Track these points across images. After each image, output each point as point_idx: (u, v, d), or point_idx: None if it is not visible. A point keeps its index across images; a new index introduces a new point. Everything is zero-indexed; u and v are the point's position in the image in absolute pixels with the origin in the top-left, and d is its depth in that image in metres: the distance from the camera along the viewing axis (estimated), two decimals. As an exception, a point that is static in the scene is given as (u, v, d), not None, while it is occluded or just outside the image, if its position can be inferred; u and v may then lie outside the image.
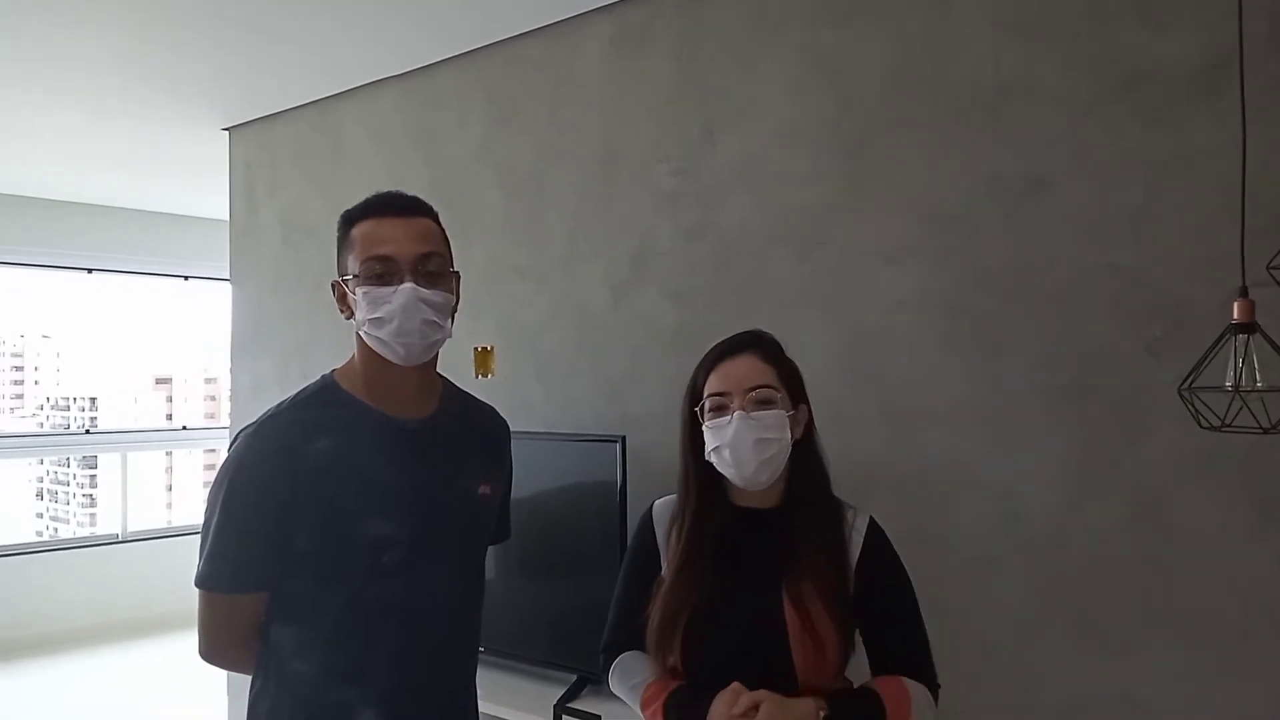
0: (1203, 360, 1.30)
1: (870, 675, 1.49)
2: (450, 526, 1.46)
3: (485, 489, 1.53)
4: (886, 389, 2.05)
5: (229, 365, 3.90)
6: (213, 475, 1.41)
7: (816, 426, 1.55)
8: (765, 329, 1.57)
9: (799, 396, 1.51)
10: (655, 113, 2.47)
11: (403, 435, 1.43)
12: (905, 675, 1.45)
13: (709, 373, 1.50)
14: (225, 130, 3.86)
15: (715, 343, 1.55)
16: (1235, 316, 1.27)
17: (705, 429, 1.48)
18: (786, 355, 1.54)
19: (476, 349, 2.62)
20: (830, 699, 1.39)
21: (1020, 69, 1.87)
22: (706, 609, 1.44)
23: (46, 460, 8.94)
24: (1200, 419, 1.30)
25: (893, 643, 1.48)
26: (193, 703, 4.42)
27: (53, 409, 8.26)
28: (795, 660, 1.41)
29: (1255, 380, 1.24)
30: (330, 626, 1.39)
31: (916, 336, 2.01)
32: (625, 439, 2.28)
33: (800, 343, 1.62)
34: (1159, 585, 1.72)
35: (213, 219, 5.79)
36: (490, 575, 1.61)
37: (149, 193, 5.32)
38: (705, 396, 1.49)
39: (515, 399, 2.69)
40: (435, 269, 1.41)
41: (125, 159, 4.44)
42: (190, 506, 7.52)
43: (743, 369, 1.48)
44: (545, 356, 2.71)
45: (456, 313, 1.47)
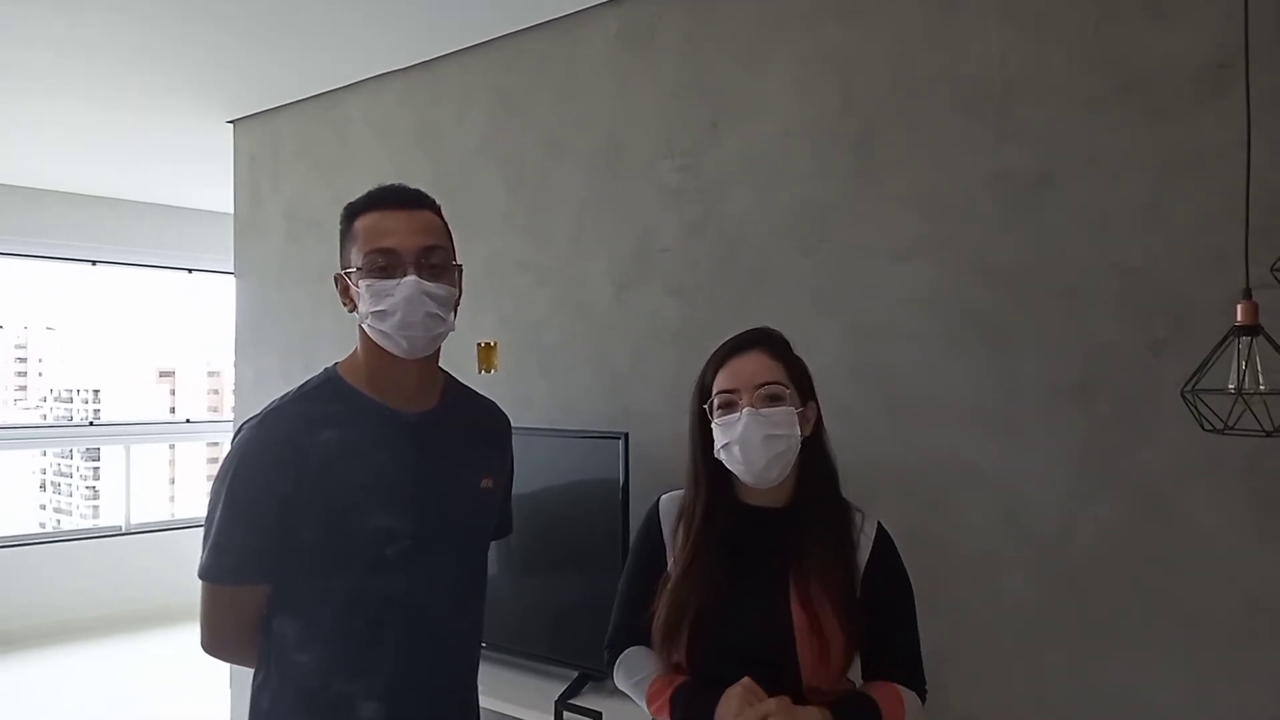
0: (1206, 362, 1.29)
1: (862, 676, 1.50)
2: (452, 520, 1.47)
3: (487, 483, 1.53)
4: (890, 386, 2.04)
5: (232, 358, 3.90)
6: (216, 468, 1.41)
7: (825, 425, 1.55)
8: (769, 325, 1.57)
9: (807, 394, 1.51)
10: (660, 107, 2.46)
11: (405, 428, 1.44)
12: (898, 681, 1.46)
13: (718, 370, 1.50)
14: (230, 123, 3.86)
15: (721, 339, 1.55)
16: (1239, 319, 1.26)
17: (714, 426, 1.48)
18: (794, 353, 1.54)
19: (479, 344, 2.62)
20: (832, 707, 1.39)
21: (1027, 66, 1.87)
22: (713, 606, 1.44)
23: (50, 452, 8.96)
24: (1203, 421, 1.29)
25: (889, 648, 1.48)
26: (195, 695, 4.43)
27: (56, 401, 8.28)
28: (801, 660, 1.41)
29: (1258, 383, 1.24)
30: (332, 619, 1.39)
31: (921, 333, 2.00)
32: (628, 435, 2.28)
33: (804, 339, 1.61)
34: (1163, 585, 1.71)
35: (217, 212, 5.80)
36: (492, 571, 1.61)
37: (153, 185, 5.32)
38: (714, 393, 1.49)
39: (518, 394, 2.69)
40: (438, 262, 1.41)
41: (129, 151, 4.45)
42: (193, 499, 7.52)
43: (752, 366, 1.48)
44: (548, 351, 2.71)
45: (459, 306, 1.47)
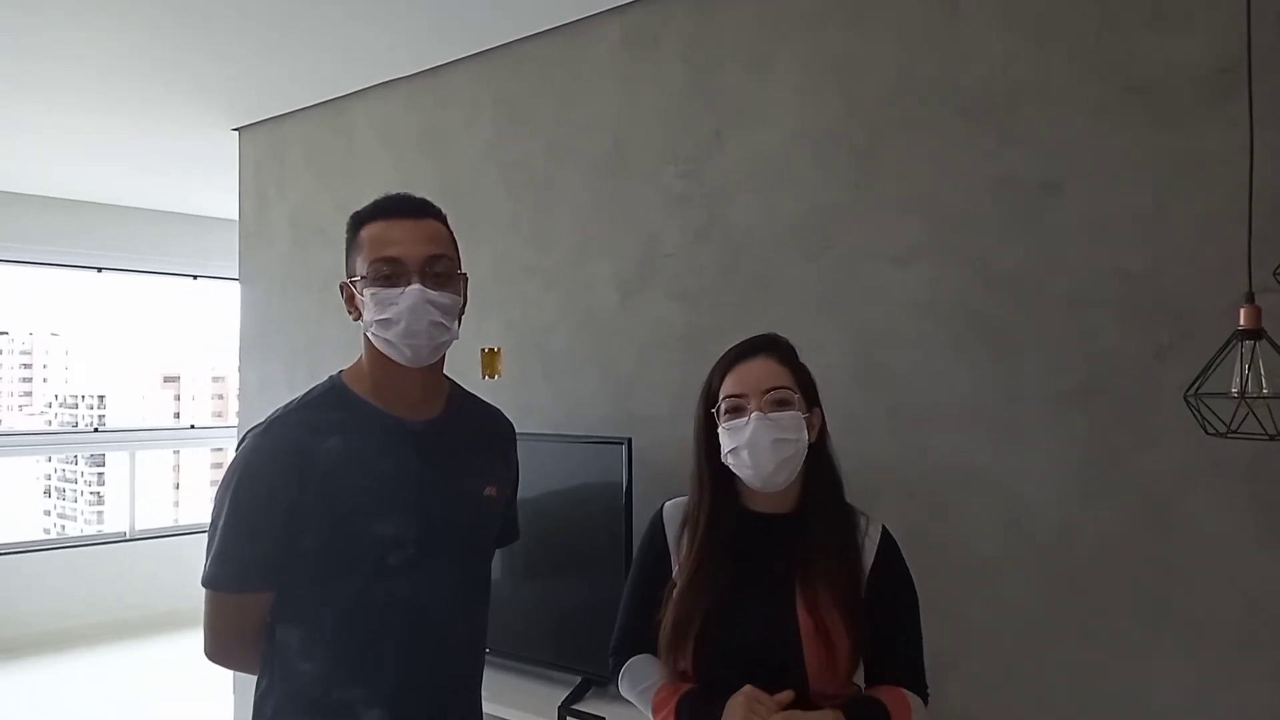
0: (1208, 366, 1.30)
1: (865, 680, 1.50)
2: (456, 528, 1.47)
3: (491, 490, 1.53)
4: (894, 391, 2.04)
5: (237, 364, 3.91)
6: (220, 474, 1.42)
7: (829, 431, 1.55)
8: (773, 331, 1.58)
9: (813, 400, 1.52)
10: (664, 114, 2.47)
11: (410, 436, 1.44)
12: (902, 684, 1.46)
13: (725, 375, 1.51)
14: (235, 130, 3.87)
15: (726, 345, 1.55)
16: (1242, 323, 1.27)
17: (721, 430, 1.48)
18: (800, 360, 1.54)
19: (483, 350, 2.62)
20: (844, 710, 1.39)
21: (1030, 72, 1.87)
22: (719, 613, 1.44)
23: (54, 458, 8.97)
24: (1206, 425, 1.29)
25: (894, 652, 1.49)
26: (198, 702, 4.43)
27: (61, 407, 8.29)
28: (807, 664, 1.41)
29: (1261, 387, 1.24)
30: (335, 627, 1.40)
31: (925, 339, 2.00)
32: (632, 440, 2.28)
33: (808, 345, 1.62)
34: (1164, 588, 1.71)
35: (222, 218, 5.81)
36: (495, 576, 1.61)
37: (159, 192, 5.34)
38: (721, 399, 1.49)
39: (522, 399, 2.70)
40: (443, 270, 1.41)
41: (135, 158, 4.46)
42: (197, 505, 7.53)
43: (759, 371, 1.48)
44: (552, 357, 2.71)
45: (464, 315, 1.47)
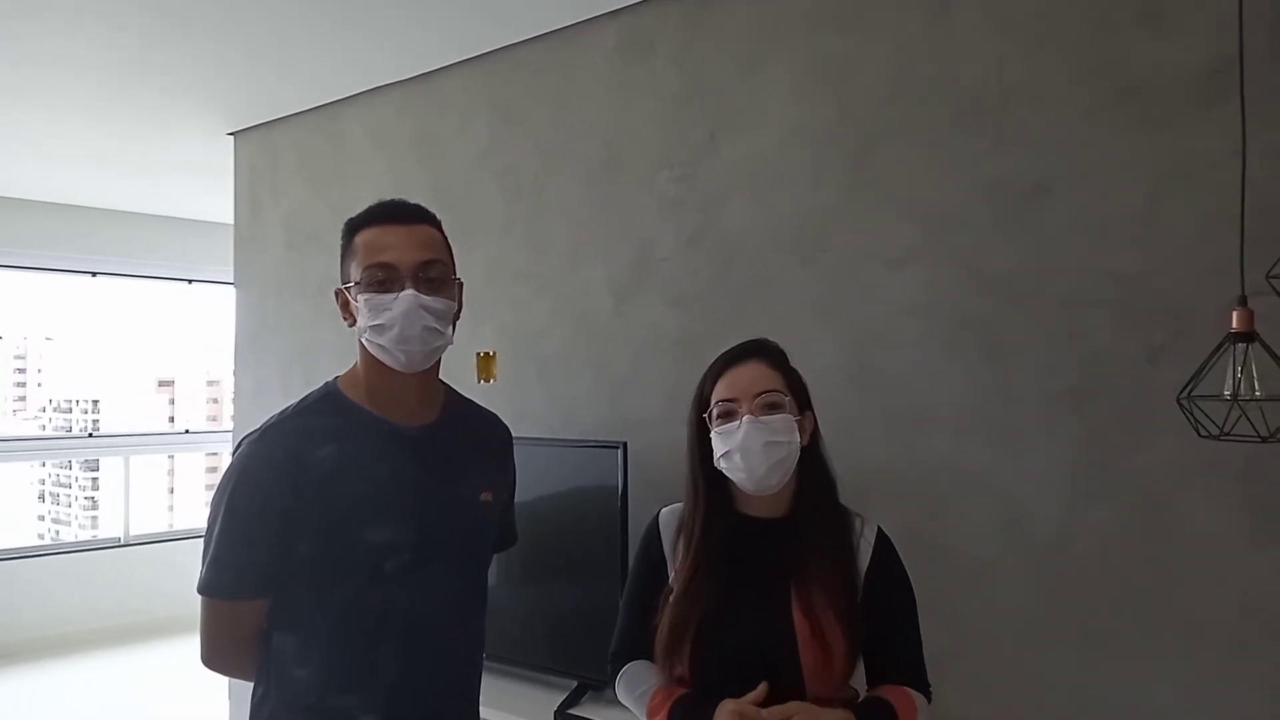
0: (1201, 369, 1.30)
1: (866, 680, 1.51)
2: (452, 534, 1.47)
3: (487, 496, 1.53)
4: (889, 393, 2.05)
5: (232, 369, 3.90)
6: (215, 479, 1.42)
7: (821, 435, 1.56)
8: (768, 335, 1.59)
9: (804, 404, 1.53)
10: (658, 119, 2.47)
11: (405, 442, 1.44)
12: (904, 683, 1.47)
13: (716, 380, 1.52)
14: (230, 135, 3.87)
15: (720, 349, 1.56)
16: (1234, 326, 1.27)
17: (714, 434, 1.49)
18: (791, 364, 1.55)
19: (478, 354, 2.63)
20: (854, 709, 1.40)
21: (1023, 75, 1.88)
22: (715, 617, 1.45)
23: (48, 463, 8.95)
24: (1199, 428, 1.30)
25: (894, 652, 1.50)
26: (194, 708, 4.42)
27: (55, 411, 8.28)
28: (804, 666, 1.42)
29: (1254, 389, 1.25)
30: (331, 633, 1.40)
31: (919, 342, 2.01)
32: (626, 444, 2.28)
33: (802, 348, 1.62)
34: (1159, 589, 1.72)
35: (217, 223, 5.81)
36: (491, 581, 1.61)
37: (153, 196, 5.33)
38: (713, 403, 1.50)
39: (516, 404, 2.70)
40: (437, 276, 1.41)
41: (129, 163, 4.46)
42: (192, 510, 7.52)
43: (750, 375, 1.49)
44: (547, 361, 2.71)
45: (458, 320, 1.47)
